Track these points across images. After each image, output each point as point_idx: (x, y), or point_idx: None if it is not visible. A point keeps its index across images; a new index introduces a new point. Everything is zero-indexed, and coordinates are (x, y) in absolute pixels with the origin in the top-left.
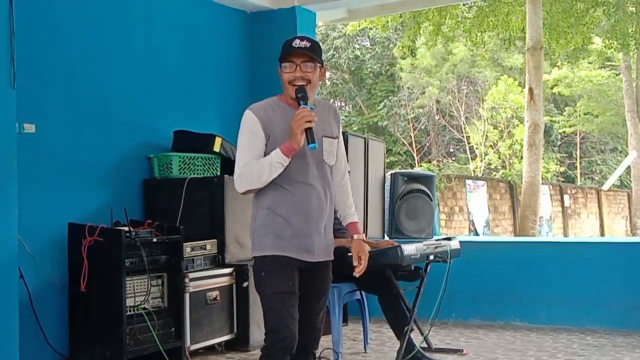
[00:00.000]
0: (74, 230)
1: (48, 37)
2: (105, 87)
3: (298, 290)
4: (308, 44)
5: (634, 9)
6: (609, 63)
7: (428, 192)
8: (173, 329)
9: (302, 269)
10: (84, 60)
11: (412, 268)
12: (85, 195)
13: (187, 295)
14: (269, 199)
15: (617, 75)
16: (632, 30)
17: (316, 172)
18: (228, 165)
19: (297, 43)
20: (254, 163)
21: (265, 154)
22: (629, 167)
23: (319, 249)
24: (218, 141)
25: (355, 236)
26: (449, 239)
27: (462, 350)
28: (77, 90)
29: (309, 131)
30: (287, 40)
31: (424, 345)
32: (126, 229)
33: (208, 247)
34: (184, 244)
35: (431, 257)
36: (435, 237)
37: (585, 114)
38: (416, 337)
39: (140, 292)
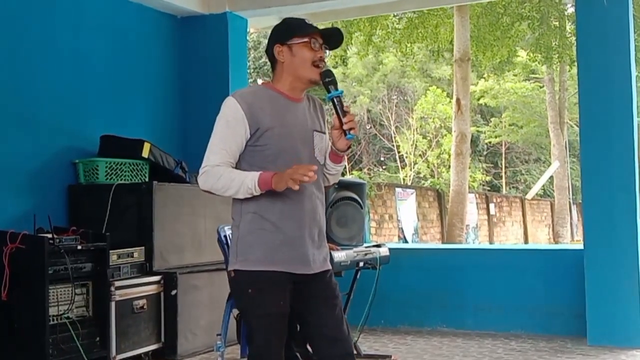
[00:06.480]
0: None
1: None
2: (29, 90)
3: (301, 308)
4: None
5: (557, 23)
6: (533, 75)
7: (359, 199)
8: (98, 339)
9: (297, 282)
10: (7, 63)
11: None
12: (7, 201)
13: (113, 304)
14: (256, 201)
15: (540, 87)
16: (555, 44)
17: None
18: (157, 171)
19: (310, 23)
20: (226, 171)
21: (258, 147)
22: (551, 176)
23: (314, 259)
24: (147, 147)
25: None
26: (378, 246)
27: (391, 357)
28: None
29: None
30: (291, 19)
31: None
32: (49, 236)
33: (135, 254)
34: (110, 251)
35: (361, 264)
36: (365, 245)
37: (510, 125)
38: None
39: (64, 301)
